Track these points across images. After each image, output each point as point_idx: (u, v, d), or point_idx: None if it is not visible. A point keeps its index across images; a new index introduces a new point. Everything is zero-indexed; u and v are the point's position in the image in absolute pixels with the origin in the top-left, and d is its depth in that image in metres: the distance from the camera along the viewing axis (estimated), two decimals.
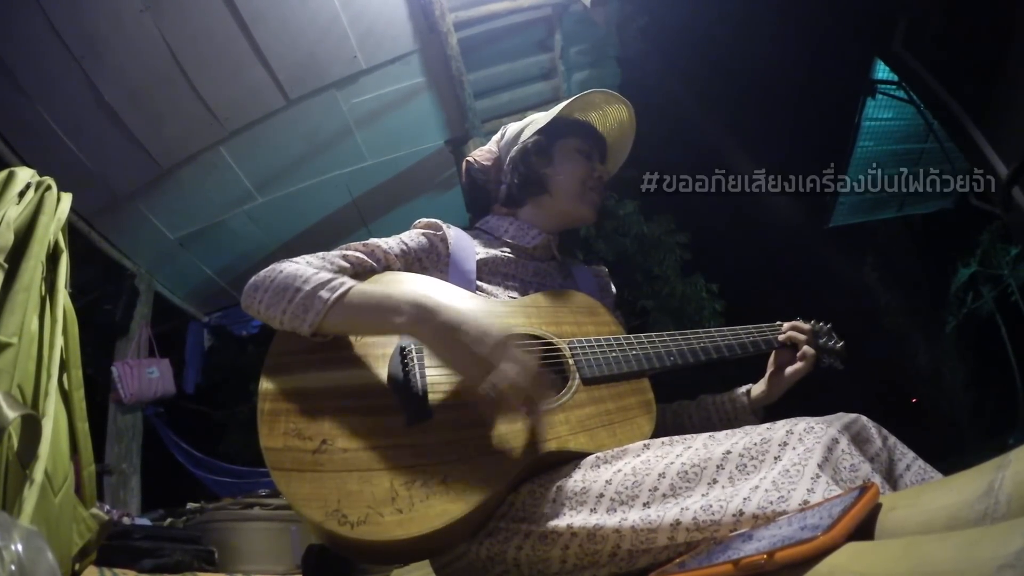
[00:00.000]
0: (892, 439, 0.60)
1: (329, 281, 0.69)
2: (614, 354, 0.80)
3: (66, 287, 0.91)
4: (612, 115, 1.03)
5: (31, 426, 0.70)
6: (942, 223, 6.17)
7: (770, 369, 0.93)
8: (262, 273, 0.73)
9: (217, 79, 2.56)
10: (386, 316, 0.68)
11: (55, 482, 0.76)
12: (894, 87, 4.14)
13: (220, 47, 2.47)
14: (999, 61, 2.74)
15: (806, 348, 0.91)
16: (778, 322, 0.97)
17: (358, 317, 0.69)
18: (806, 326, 0.94)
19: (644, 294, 5.33)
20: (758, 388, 0.93)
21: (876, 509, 0.40)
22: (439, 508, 0.60)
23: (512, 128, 1.04)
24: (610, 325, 0.88)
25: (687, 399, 1.01)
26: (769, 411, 0.94)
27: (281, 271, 0.72)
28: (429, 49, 2.77)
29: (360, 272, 0.81)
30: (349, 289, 0.69)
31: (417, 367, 0.70)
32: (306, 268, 0.72)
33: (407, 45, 2.75)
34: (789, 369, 0.91)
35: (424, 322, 0.67)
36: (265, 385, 0.67)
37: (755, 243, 7.54)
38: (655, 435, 0.72)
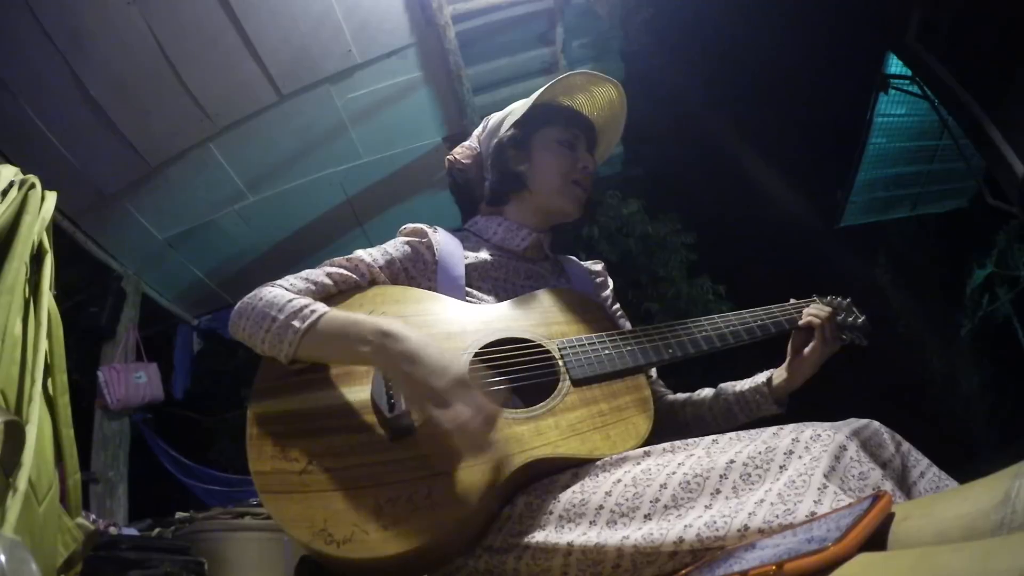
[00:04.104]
0: (906, 445, 0.58)
1: (302, 309, 0.70)
2: (607, 351, 0.78)
3: (51, 289, 0.90)
4: (600, 96, 0.97)
5: (14, 433, 0.70)
6: (957, 223, 6.10)
7: (789, 355, 0.88)
8: (244, 300, 0.75)
9: (207, 74, 2.50)
10: (352, 346, 0.69)
11: (39, 491, 0.76)
12: (907, 82, 4.08)
13: (210, 40, 2.40)
14: (1016, 55, 2.69)
15: (823, 325, 0.85)
16: (791, 300, 0.91)
17: (327, 346, 0.70)
18: (824, 308, 0.87)
19: (649, 296, 5.24)
20: (779, 375, 0.89)
21: (889, 518, 0.39)
22: (424, 523, 0.60)
23: (492, 120, 0.99)
24: (604, 321, 0.84)
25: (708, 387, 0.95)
26: (781, 417, 0.87)
27: (260, 298, 0.74)
28: (426, 43, 2.70)
29: (345, 289, 0.81)
30: (320, 318, 0.70)
31: None
32: (283, 294, 0.73)
33: (403, 39, 2.68)
34: (807, 350, 0.86)
35: (385, 352, 0.66)
36: (253, 410, 0.68)
37: (764, 243, 7.48)
38: (669, 431, 0.71)
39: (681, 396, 0.97)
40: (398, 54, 2.71)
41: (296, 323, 0.69)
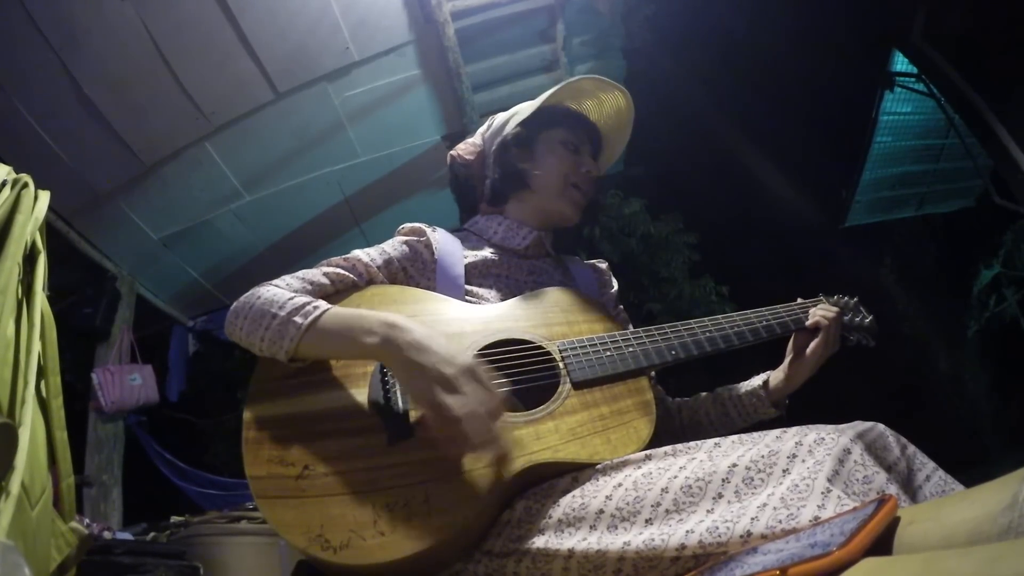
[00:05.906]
0: (911, 448, 0.57)
1: (304, 306, 0.70)
2: (608, 353, 0.76)
3: (44, 289, 0.90)
4: (608, 103, 0.97)
5: (7, 436, 0.70)
6: (963, 222, 6.08)
7: (790, 355, 0.87)
8: (242, 299, 0.75)
9: (202, 71, 2.48)
10: (357, 339, 0.67)
11: (32, 494, 0.75)
12: (913, 80, 4.04)
13: (205, 38, 2.38)
14: (1023, 53, 2.66)
15: (829, 326, 0.84)
16: (798, 299, 0.90)
17: (331, 341, 0.69)
18: (831, 308, 0.86)
19: (651, 297, 5.20)
20: (776, 377, 0.88)
21: (894, 523, 0.39)
22: (422, 528, 0.59)
23: (498, 119, 0.99)
24: (606, 322, 0.82)
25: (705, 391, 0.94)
26: (784, 419, 0.86)
27: (259, 297, 0.73)
28: (425, 40, 2.68)
29: (342, 289, 0.80)
30: (323, 313, 0.69)
31: (398, 385, 0.70)
32: (283, 293, 0.73)
33: (402, 36, 2.66)
34: (808, 350, 0.85)
35: (393, 341, 0.65)
36: (249, 413, 0.68)
37: (767, 243, 7.45)
38: (666, 436, 0.71)
39: (677, 401, 0.96)
40: (396, 51, 2.69)
41: (298, 319, 0.68)
